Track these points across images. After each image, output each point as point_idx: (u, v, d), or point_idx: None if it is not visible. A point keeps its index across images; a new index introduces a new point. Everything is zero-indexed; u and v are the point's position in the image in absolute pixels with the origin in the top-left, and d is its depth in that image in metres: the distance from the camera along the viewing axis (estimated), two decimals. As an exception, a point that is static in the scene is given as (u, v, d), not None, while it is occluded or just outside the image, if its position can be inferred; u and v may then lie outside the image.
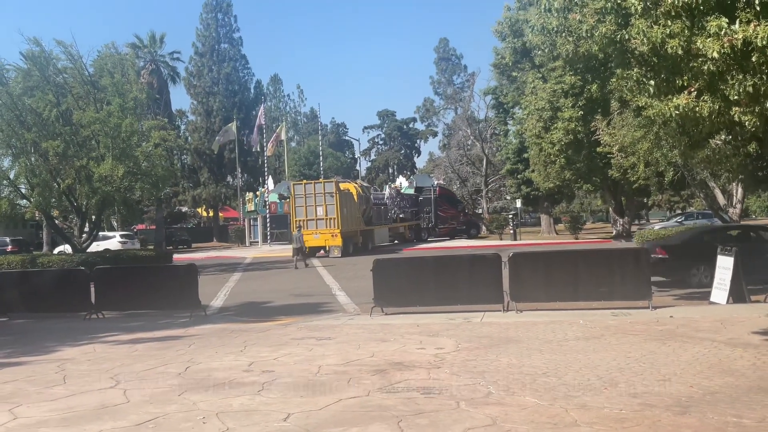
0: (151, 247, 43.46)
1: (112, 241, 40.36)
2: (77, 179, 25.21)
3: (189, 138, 65.58)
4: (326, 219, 34.50)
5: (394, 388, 7.69)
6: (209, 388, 8.01)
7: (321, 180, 38.67)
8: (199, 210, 73.42)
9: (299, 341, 11.02)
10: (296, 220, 34.78)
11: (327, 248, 34.69)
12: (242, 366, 9.19)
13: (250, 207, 53.59)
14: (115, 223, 49.87)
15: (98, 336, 12.53)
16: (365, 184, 44.74)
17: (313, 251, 34.22)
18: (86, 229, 28.25)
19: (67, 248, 30.13)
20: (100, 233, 35.08)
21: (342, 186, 37.83)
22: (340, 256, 34.03)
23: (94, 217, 27.94)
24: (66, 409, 7.34)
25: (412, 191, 49.69)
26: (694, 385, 7.40)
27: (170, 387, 8.13)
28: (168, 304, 14.99)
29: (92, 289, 15.37)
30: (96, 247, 31.58)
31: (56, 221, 29.53)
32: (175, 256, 35.36)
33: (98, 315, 15.00)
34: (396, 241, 44.33)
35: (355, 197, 37.81)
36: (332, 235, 34.37)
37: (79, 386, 8.40)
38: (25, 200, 27.15)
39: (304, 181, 39.75)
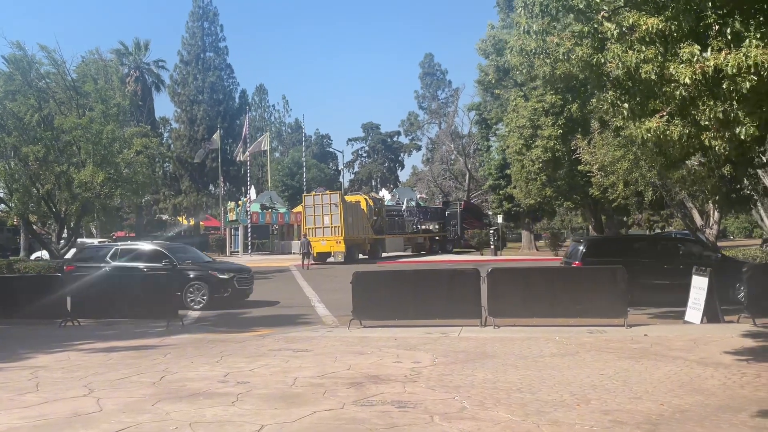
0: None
1: (91, 248, 39.91)
2: (57, 185, 25.02)
3: (172, 146, 65.28)
4: (332, 227, 38.07)
5: (369, 401, 7.71)
6: (183, 398, 7.97)
7: (328, 192, 41.90)
8: (179, 218, 72.97)
9: (276, 353, 11.01)
10: (306, 228, 38.74)
11: (332, 254, 37.85)
12: (217, 376, 9.17)
13: (232, 216, 53.48)
14: (94, 230, 49.43)
15: (73, 344, 12.42)
16: (377, 197, 47.87)
17: (322, 257, 37.79)
18: (64, 235, 27.99)
19: (44, 254, 29.82)
20: (79, 240, 34.76)
21: (351, 198, 42.35)
22: (343, 261, 36.97)
23: (72, 223, 27.69)
24: (38, 416, 7.28)
25: (435, 204, 54.35)
26: (664, 403, 7.50)
27: (144, 396, 8.09)
28: (145, 312, 14.90)
29: (68, 297, 15.22)
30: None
31: (34, 227, 29.22)
32: (154, 264, 35.05)
33: (74, 323, 14.86)
34: (423, 252, 48.00)
35: (365, 208, 41.48)
36: (336, 242, 37.90)
37: (51, 394, 8.33)
38: (2, 204, 26.88)
39: (314, 192, 42.82)
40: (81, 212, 26.49)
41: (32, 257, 33.59)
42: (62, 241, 27.71)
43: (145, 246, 20.58)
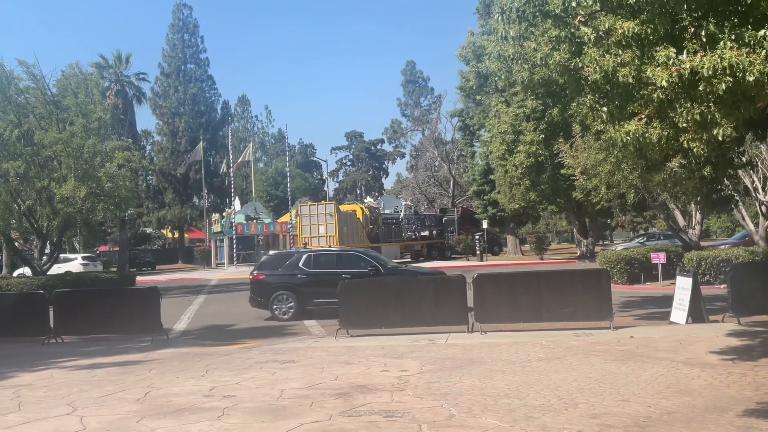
0: (114, 269, 42.75)
1: (74, 263, 39.62)
2: (38, 200, 24.82)
3: (154, 158, 64.84)
4: (327, 236, 38.66)
5: (357, 411, 7.66)
6: (168, 414, 7.88)
7: (323, 202, 42.93)
8: (164, 231, 72.44)
9: (263, 365, 10.92)
10: (303, 237, 39.45)
11: None
12: (203, 391, 9.07)
13: (216, 228, 53.18)
14: (77, 245, 49.00)
15: (56, 361, 12.26)
16: (374, 206, 48.90)
17: None
18: (47, 251, 27.72)
19: (27, 271, 29.52)
20: (62, 255, 34.46)
21: (347, 207, 43.45)
22: None
23: (55, 238, 27.44)
24: (20, 437, 7.16)
25: (430, 211, 56.02)
26: (652, 405, 7.51)
27: (128, 413, 7.98)
28: (129, 328, 14.73)
29: (51, 313, 15.05)
30: (57, 269, 30.98)
31: (16, 243, 28.92)
32: (139, 278, 34.92)
33: (57, 339, 14.68)
34: (421, 258, 48.99)
35: (360, 218, 42.47)
36: None
37: (34, 413, 8.20)
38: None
39: (310, 203, 44.04)
40: (63, 227, 26.29)
41: (15, 274, 33.22)
42: (44, 257, 27.47)
43: (344, 251, 19.87)
